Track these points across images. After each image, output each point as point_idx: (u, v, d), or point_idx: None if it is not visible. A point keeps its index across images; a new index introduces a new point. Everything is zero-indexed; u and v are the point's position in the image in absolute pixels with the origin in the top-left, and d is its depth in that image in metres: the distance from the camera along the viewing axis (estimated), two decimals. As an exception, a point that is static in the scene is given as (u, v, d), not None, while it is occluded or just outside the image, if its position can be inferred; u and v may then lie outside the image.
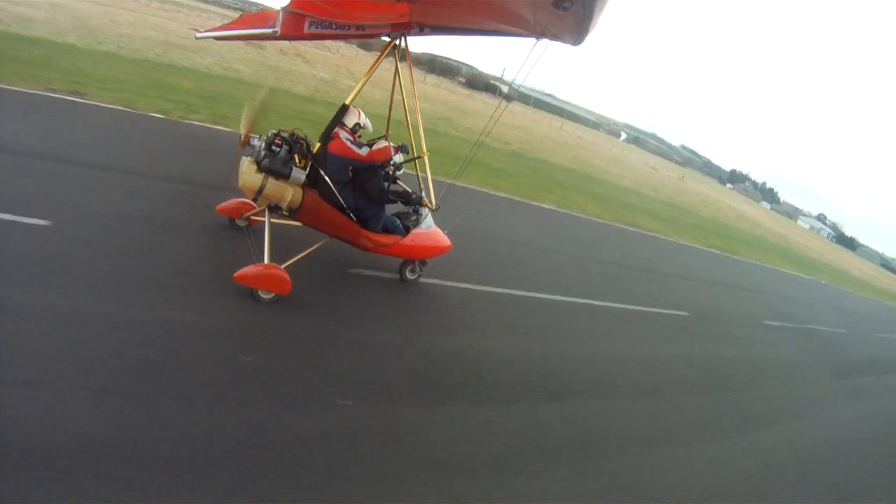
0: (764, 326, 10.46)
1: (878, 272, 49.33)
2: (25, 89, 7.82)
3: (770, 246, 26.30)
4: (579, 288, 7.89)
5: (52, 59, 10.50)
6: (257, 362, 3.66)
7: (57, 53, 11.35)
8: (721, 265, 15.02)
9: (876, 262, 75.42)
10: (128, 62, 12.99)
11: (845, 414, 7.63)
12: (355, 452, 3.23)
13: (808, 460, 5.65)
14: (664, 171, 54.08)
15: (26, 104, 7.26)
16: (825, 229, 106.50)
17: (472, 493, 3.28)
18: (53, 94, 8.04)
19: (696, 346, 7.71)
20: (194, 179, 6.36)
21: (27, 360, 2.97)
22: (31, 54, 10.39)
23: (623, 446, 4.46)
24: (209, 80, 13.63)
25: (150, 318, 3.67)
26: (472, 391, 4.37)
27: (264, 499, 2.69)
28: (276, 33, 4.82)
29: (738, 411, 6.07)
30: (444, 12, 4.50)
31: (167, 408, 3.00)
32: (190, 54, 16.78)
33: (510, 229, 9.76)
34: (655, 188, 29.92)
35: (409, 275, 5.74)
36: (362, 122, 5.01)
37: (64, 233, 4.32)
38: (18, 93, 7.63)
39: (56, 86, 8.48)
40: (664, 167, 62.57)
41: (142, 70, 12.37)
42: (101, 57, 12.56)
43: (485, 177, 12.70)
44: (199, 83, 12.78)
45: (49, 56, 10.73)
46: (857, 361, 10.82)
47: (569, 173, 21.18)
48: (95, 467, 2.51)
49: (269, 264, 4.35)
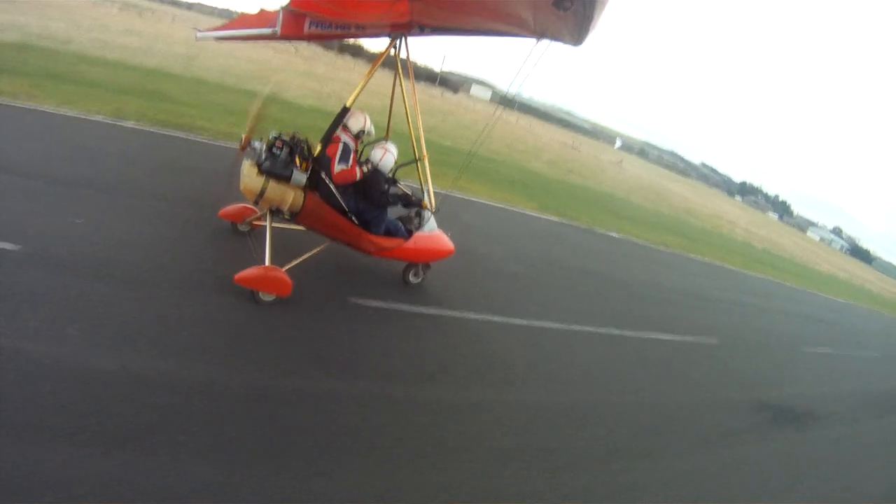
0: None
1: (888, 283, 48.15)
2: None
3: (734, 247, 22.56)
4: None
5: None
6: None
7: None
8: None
9: (893, 275, 75.33)
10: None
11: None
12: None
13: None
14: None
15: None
16: (838, 241, 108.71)
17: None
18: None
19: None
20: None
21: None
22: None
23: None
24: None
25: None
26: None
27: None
28: (276, 33, 4.79)
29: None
30: (445, 13, 4.45)
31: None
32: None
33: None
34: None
35: (412, 278, 5.73)
36: (367, 128, 4.99)
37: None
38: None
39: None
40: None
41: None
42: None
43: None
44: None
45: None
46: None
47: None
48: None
49: (271, 266, 4.36)
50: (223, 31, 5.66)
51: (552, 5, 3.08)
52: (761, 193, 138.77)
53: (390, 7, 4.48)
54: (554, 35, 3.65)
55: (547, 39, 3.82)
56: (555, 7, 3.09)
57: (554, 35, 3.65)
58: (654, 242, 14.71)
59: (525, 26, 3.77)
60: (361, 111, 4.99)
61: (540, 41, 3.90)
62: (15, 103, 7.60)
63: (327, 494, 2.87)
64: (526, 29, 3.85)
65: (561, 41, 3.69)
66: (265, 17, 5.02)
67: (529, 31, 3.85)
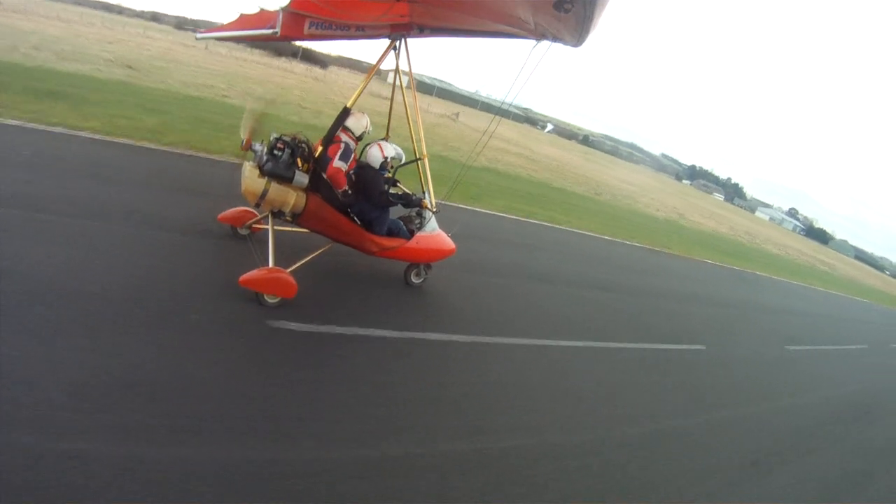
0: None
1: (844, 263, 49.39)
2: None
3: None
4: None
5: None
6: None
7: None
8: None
9: (850, 254, 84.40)
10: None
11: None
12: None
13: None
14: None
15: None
16: (791, 221, 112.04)
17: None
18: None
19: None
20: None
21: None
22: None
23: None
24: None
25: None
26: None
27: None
28: (276, 34, 4.79)
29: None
30: (444, 13, 4.45)
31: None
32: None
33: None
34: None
35: (414, 279, 5.76)
36: (368, 129, 5.01)
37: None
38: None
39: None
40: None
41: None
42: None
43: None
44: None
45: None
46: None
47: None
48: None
49: (275, 268, 4.37)
50: (223, 32, 5.66)
51: (552, 7, 3.08)
52: (711, 177, 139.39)
53: (390, 8, 4.48)
54: (554, 36, 3.65)
55: (547, 40, 3.83)
56: (555, 9, 3.10)
57: (554, 36, 3.65)
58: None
59: (525, 27, 3.77)
60: (362, 112, 5.00)
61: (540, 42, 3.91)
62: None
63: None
64: (526, 30, 3.85)
65: (561, 42, 3.69)
66: (265, 18, 5.01)
67: (529, 31, 3.85)
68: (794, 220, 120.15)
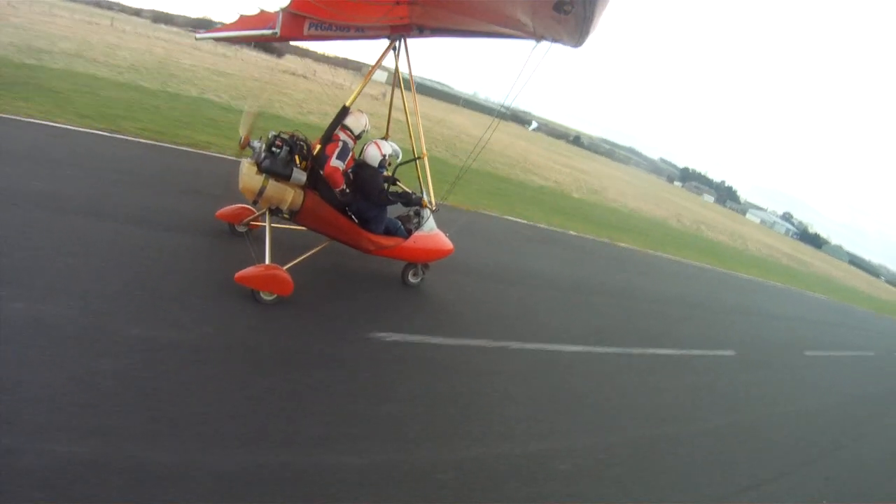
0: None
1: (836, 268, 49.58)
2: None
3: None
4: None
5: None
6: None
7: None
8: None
9: (844, 259, 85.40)
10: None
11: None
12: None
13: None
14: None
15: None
16: (784, 225, 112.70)
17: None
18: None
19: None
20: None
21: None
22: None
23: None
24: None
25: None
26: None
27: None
28: (275, 34, 4.82)
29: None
30: (444, 14, 4.50)
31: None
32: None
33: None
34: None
35: (411, 278, 5.74)
36: (367, 128, 5.03)
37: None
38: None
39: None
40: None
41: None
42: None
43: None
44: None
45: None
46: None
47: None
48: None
49: (271, 265, 4.34)
50: (223, 32, 5.67)
51: (552, 9, 3.13)
52: (704, 179, 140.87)
53: (390, 10, 4.52)
54: (554, 37, 3.70)
55: (547, 41, 3.88)
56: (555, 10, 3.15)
57: (554, 37, 3.70)
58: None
59: (525, 28, 3.82)
60: (361, 111, 5.02)
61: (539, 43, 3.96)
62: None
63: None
64: (525, 31, 3.90)
65: (561, 43, 3.75)
66: (265, 18, 5.04)
67: (529, 33, 3.90)
68: (788, 223, 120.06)
